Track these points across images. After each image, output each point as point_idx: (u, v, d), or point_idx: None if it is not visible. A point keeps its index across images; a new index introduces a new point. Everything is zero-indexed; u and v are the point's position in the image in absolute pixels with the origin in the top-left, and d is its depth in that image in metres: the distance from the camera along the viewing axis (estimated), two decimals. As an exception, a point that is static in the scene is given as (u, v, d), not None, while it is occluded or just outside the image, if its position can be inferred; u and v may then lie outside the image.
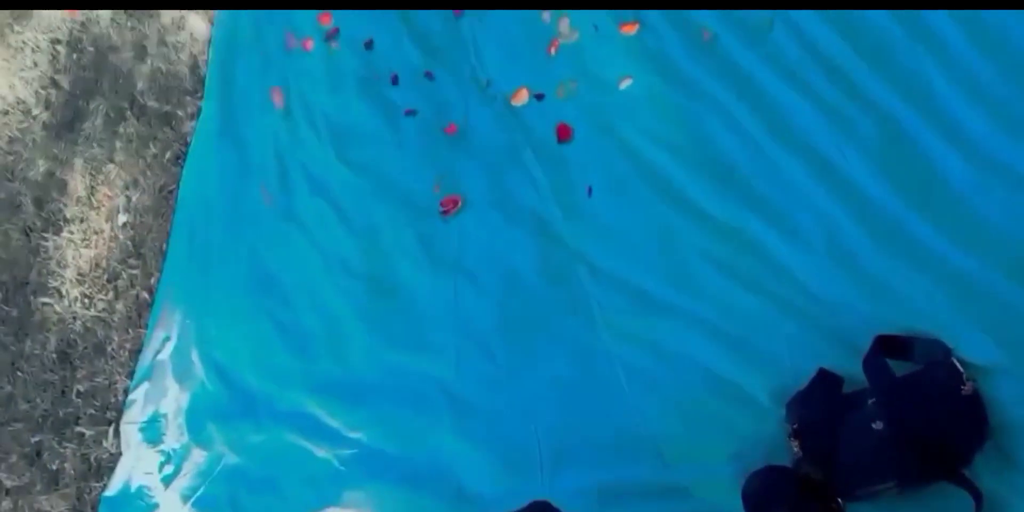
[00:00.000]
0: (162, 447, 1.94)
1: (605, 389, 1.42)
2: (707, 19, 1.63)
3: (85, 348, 2.35)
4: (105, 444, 2.08)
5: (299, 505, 1.65)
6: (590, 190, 1.62)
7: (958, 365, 1.10)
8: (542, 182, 1.70)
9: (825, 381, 1.20)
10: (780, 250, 1.36)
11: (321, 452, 1.68)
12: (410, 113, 1.96)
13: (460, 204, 1.79)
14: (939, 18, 1.35)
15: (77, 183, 2.85)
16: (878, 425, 1.10)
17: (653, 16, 1.70)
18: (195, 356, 2.03)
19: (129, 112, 2.87)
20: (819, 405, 1.18)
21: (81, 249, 2.62)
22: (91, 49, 3.28)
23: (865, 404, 1.14)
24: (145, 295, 2.32)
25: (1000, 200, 1.21)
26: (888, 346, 1.17)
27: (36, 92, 3.31)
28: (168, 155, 2.61)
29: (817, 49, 1.47)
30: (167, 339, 2.14)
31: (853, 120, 1.37)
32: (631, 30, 1.71)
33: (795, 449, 1.18)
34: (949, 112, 1.30)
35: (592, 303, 1.51)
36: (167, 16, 3.06)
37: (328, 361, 1.79)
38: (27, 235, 2.84)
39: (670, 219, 1.49)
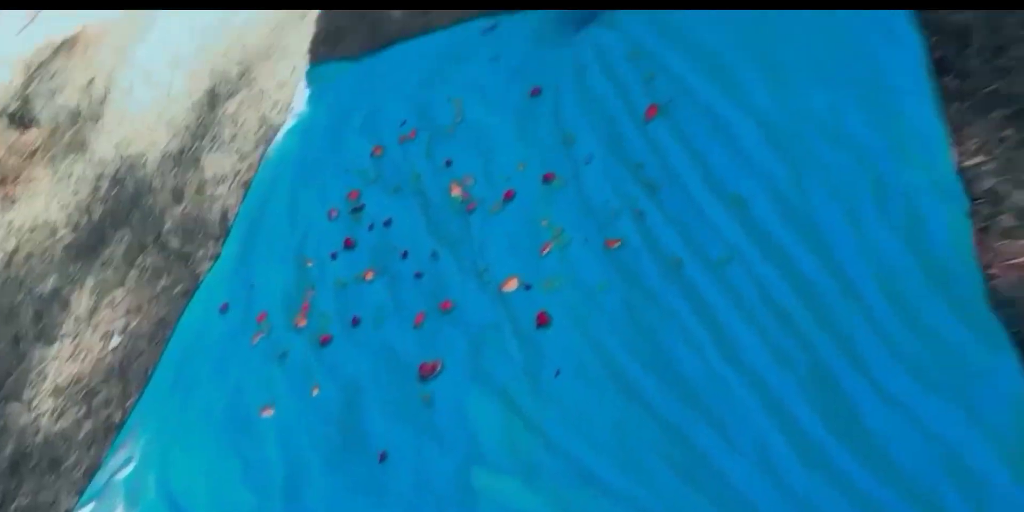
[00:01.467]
0: (92, 566, 1.96)
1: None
2: (677, 247, 1.96)
3: (38, 463, 2.41)
4: (32, 559, 2.08)
5: None
6: (558, 372, 1.84)
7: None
8: (517, 359, 1.92)
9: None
10: (717, 452, 1.54)
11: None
12: (418, 276, 2.25)
13: (438, 369, 2.01)
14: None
15: (81, 302, 3.06)
16: None
17: (635, 238, 2.03)
18: (151, 481, 2.11)
19: (151, 246, 3.17)
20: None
21: (65, 363, 2.76)
22: (131, 188, 3.67)
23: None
24: (118, 415, 2.43)
25: (912, 442, 1.42)
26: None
27: (68, 216, 3.64)
28: (178, 289, 2.85)
29: (767, 289, 1.76)
30: (128, 460, 2.22)
31: (791, 356, 1.62)
32: (614, 244, 2.05)
33: None
34: (872, 368, 1.55)
35: (544, 474, 1.67)
36: (210, 170, 3.48)
37: (282, 501, 1.89)
38: (16, 343, 2.99)
39: (625, 410, 1.70)
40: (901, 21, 2.05)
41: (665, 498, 1.53)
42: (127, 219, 3.43)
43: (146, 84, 4.64)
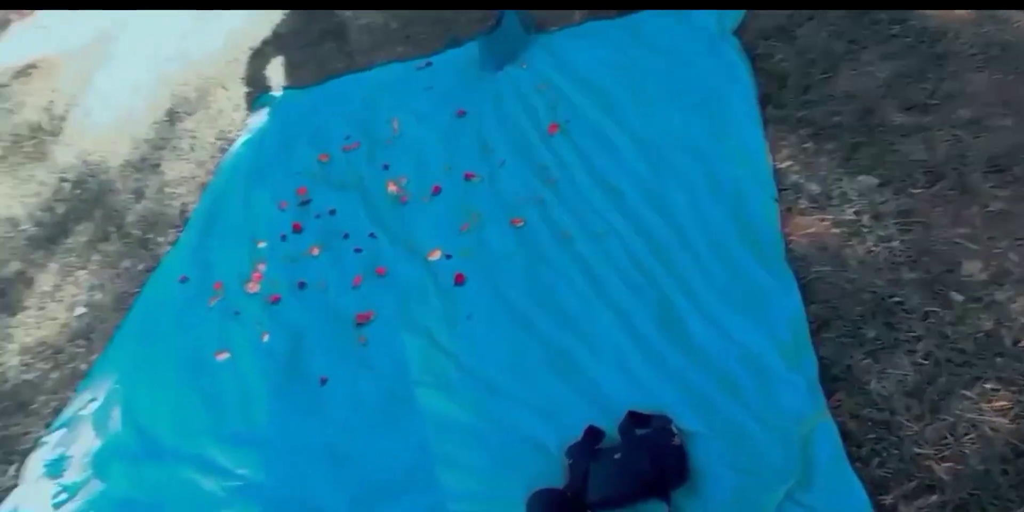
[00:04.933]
0: (61, 480, 2.17)
1: (456, 445, 1.90)
2: (569, 225, 2.41)
3: (8, 405, 2.59)
4: (2, 477, 2.26)
5: (179, 525, 1.93)
6: (469, 316, 2.23)
7: (674, 429, 1.67)
8: (437, 308, 2.30)
9: (592, 433, 1.74)
10: (587, 361, 1.96)
11: (210, 485, 2.00)
12: (358, 251, 2.61)
13: (372, 318, 2.37)
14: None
15: (45, 281, 3.25)
16: (617, 455, 1.63)
17: (536, 219, 2.47)
18: (116, 413, 2.35)
19: (115, 235, 3.41)
20: (585, 448, 1.71)
21: (31, 329, 2.95)
22: (94, 187, 3.90)
23: (614, 451, 1.68)
24: (83, 367, 2.65)
25: (722, 348, 1.88)
26: (634, 417, 1.74)
27: (31, 213, 3.83)
28: (140, 267, 3.10)
29: (632, 251, 2.22)
30: (92, 400, 2.45)
31: (644, 292, 2.07)
32: (519, 223, 2.48)
33: (567, 477, 1.67)
34: (700, 300, 2.02)
35: (456, 388, 2.04)
36: (170, 175, 3.76)
37: (237, 420, 2.19)
38: (-18, 313, 3.15)
39: (520, 339, 2.09)
40: (741, 67, 2.61)
41: (547, 395, 1.92)
42: (90, 214, 3.66)
43: (105, 107, 4.89)
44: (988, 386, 1.53)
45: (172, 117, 4.32)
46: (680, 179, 2.36)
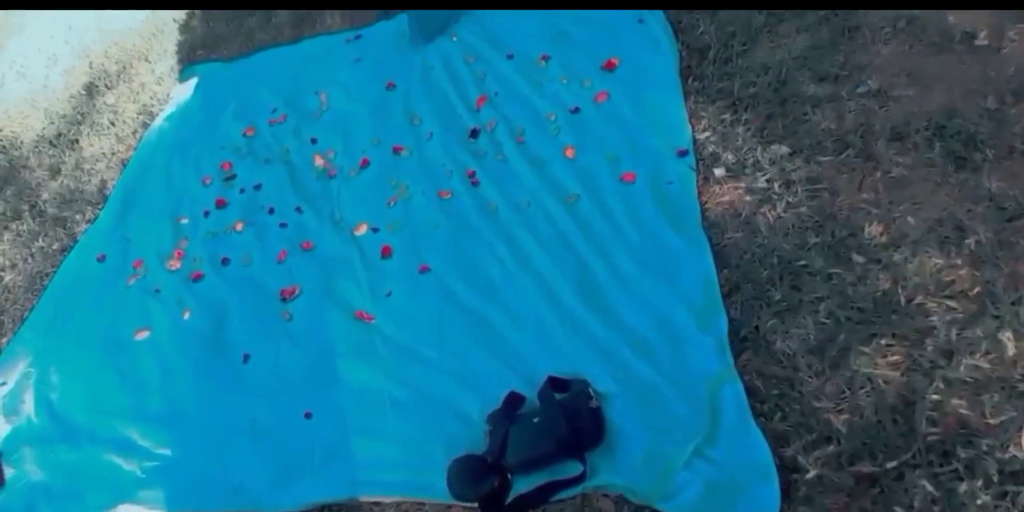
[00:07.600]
0: (-31, 470, 2.11)
1: (379, 415, 1.91)
2: (494, 196, 2.42)
3: (-86, 391, 2.49)
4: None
5: (95, 506, 1.89)
6: (395, 289, 2.24)
7: (591, 392, 1.72)
8: (363, 284, 2.30)
9: (512, 399, 1.77)
10: (507, 329, 1.99)
11: (128, 465, 1.97)
12: (283, 226, 2.58)
13: (297, 293, 2.35)
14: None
15: (-47, 262, 3.12)
16: (536, 419, 1.67)
17: (462, 191, 2.48)
18: (28, 397, 2.29)
19: (27, 214, 3.29)
20: (506, 414, 1.74)
21: (-62, 313, 2.83)
22: (4, 164, 3.75)
23: (533, 415, 1.71)
24: (-7, 350, 2.56)
25: (638, 311, 1.93)
26: (554, 382, 1.78)
27: (-62, 191, 3.65)
28: (55, 246, 3.00)
29: (554, 220, 2.24)
30: (2, 384, 2.37)
31: (565, 261, 2.10)
32: (446, 195, 2.48)
33: (488, 443, 1.70)
34: (618, 267, 2.06)
35: (380, 359, 2.05)
36: (88, 151, 3.63)
37: (157, 399, 2.15)
38: None
39: (444, 309, 2.11)
40: (664, 39, 2.65)
41: (469, 364, 1.95)
42: (0, 192, 3.51)
43: (19, 78, 4.68)
44: (883, 342, 1.62)
45: (91, 91, 4.16)
46: (602, 148, 2.39)
